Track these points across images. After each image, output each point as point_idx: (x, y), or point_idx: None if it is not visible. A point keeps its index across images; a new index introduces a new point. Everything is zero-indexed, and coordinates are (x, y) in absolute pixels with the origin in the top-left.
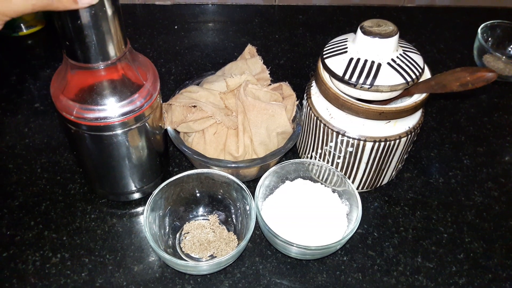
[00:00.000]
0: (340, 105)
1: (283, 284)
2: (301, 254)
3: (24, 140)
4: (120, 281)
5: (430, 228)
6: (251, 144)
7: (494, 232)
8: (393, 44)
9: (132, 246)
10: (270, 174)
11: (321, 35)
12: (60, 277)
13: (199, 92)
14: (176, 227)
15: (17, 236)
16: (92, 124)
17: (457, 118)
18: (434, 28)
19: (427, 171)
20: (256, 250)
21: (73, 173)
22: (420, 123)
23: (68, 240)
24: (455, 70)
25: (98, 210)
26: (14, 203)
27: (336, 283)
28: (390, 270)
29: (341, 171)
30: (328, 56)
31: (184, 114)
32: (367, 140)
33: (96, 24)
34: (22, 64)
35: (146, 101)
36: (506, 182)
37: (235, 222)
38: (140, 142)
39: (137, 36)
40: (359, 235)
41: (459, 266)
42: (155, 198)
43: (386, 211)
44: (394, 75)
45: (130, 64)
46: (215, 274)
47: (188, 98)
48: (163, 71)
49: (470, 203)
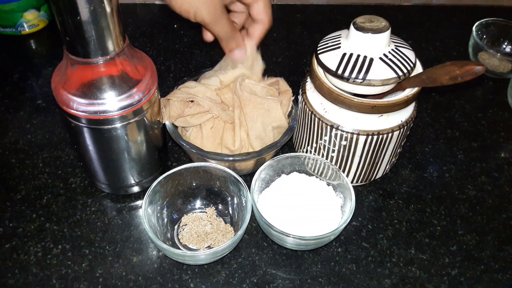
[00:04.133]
0: (334, 100)
1: (279, 275)
2: (296, 245)
3: (26, 135)
4: (120, 272)
5: (424, 221)
6: (248, 138)
7: (487, 225)
8: (385, 39)
9: (131, 238)
10: (266, 168)
11: (318, 34)
12: (61, 268)
13: (197, 88)
14: (174, 220)
15: (19, 228)
16: (91, 118)
17: (452, 114)
18: (430, 27)
19: (422, 165)
20: (252, 241)
21: (73, 167)
22: (412, 117)
23: (69, 232)
24: (445, 64)
25: (98, 203)
26: (17, 196)
27: (330, 273)
28: (383, 261)
29: (335, 164)
30: (322, 52)
31: (181, 109)
32: (360, 134)
33: (95, 20)
34: (24, 62)
35: (145, 95)
36: (499, 177)
37: (232, 214)
38: (138, 136)
39: (137, 34)
40: (353, 227)
41: (452, 257)
42: (153, 191)
43: (380, 204)
44: (386, 70)
45: (128, 60)
46: (212, 265)
47: (186, 93)
48: (162, 69)
49: (464, 196)
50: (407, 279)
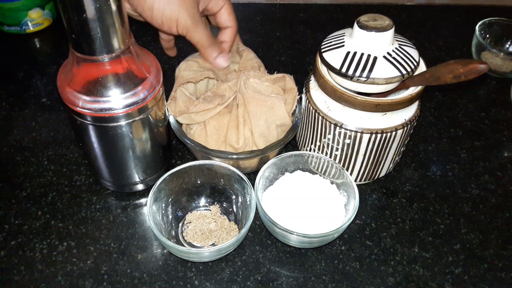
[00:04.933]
0: (338, 98)
1: (283, 272)
2: (300, 243)
3: (31, 133)
4: (124, 269)
5: (427, 219)
6: (251, 136)
7: (490, 224)
8: (388, 38)
9: (136, 235)
10: (270, 166)
11: (321, 33)
12: (67, 265)
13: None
14: (178, 217)
15: (25, 225)
16: (96, 115)
17: (455, 113)
18: (433, 26)
19: (425, 164)
20: (256, 239)
21: (78, 165)
22: (416, 116)
23: (74, 229)
24: (449, 62)
25: (103, 201)
26: (22, 194)
27: (334, 271)
28: (387, 259)
29: (339, 163)
30: (326, 50)
31: (186, 106)
32: (364, 132)
33: (101, 18)
34: (29, 60)
35: (149, 93)
36: (503, 175)
37: (236, 212)
38: (143, 134)
39: (141, 33)
40: (357, 225)
41: (455, 256)
42: (158, 188)
43: (384, 203)
44: (389, 68)
45: (133, 57)
46: (216, 262)
47: (195, 72)
48: (166, 67)
49: (467, 195)
50: (411, 277)
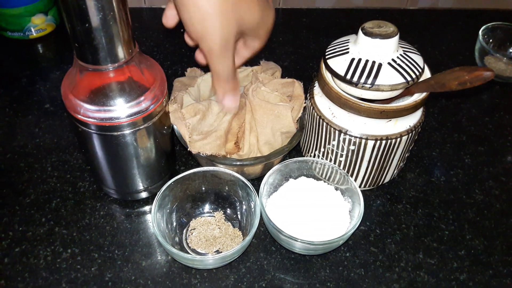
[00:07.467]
0: (342, 104)
1: (287, 279)
2: (304, 250)
3: (35, 139)
4: (129, 276)
5: (432, 225)
6: (257, 143)
7: (495, 230)
8: (393, 45)
9: (140, 242)
10: (274, 172)
11: (324, 38)
12: (71, 272)
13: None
14: (183, 224)
15: (29, 232)
16: (99, 124)
17: (458, 118)
18: (436, 30)
19: (429, 170)
20: (260, 246)
21: (82, 171)
22: (420, 122)
23: (78, 236)
24: (454, 69)
25: (107, 208)
26: (26, 200)
27: (339, 278)
28: (392, 266)
29: (343, 169)
30: (330, 57)
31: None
32: (368, 139)
33: (105, 28)
34: (32, 66)
35: (153, 103)
36: (507, 181)
37: (240, 218)
38: (147, 142)
39: (144, 39)
40: (361, 232)
41: (460, 262)
42: (162, 195)
43: (388, 209)
44: (394, 75)
45: (138, 67)
46: (220, 269)
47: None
48: (169, 73)
49: (471, 201)
50: (416, 283)
